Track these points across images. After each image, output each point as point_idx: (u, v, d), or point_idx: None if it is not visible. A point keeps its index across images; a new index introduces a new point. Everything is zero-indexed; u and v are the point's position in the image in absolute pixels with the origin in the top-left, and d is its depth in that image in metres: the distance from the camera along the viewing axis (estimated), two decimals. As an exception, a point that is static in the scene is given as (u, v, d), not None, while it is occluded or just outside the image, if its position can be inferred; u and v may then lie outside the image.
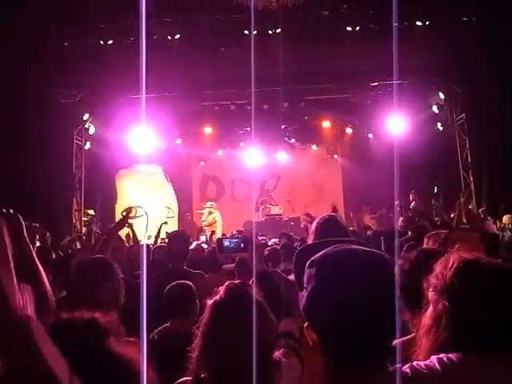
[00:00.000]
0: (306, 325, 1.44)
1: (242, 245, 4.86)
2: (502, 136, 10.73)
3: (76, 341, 1.28)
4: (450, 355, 1.48)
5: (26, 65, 10.02)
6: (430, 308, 1.66)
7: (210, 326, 1.89)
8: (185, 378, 1.98)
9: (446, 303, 1.59)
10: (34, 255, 2.40)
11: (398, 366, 1.41)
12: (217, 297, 1.94)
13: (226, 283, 2.00)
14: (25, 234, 2.42)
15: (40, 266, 2.37)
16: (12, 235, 2.32)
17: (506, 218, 9.67)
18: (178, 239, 4.78)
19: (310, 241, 3.62)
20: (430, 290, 1.67)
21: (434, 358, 1.48)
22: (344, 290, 1.35)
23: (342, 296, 1.34)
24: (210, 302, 1.94)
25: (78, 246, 8.42)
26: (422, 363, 1.46)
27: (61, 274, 4.24)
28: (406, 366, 1.43)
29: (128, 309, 2.37)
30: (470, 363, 1.47)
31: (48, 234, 8.96)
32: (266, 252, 5.16)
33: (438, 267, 1.67)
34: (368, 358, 1.37)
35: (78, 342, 1.27)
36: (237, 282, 2.03)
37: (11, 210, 2.49)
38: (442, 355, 1.49)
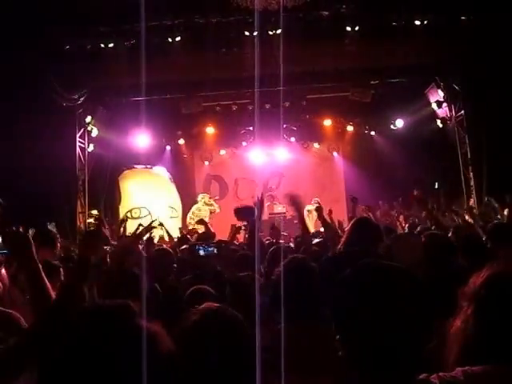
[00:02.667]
0: (337, 337, 1.52)
1: (215, 251, 5.03)
2: (501, 132, 10.80)
3: (105, 319, 1.28)
4: (474, 368, 1.55)
5: (28, 70, 10.10)
6: (461, 313, 1.72)
7: (185, 348, 1.82)
8: None
9: (473, 307, 1.66)
10: (42, 273, 2.40)
11: (425, 375, 1.50)
12: (193, 318, 1.92)
13: (203, 305, 1.97)
14: (34, 253, 2.41)
15: (48, 284, 2.39)
16: (20, 255, 2.41)
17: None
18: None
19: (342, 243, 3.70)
20: (463, 297, 1.73)
21: (459, 370, 1.55)
22: (374, 306, 1.45)
23: (373, 311, 1.45)
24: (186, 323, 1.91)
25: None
26: (447, 374, 1.54)
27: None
28: (434, 375, 1.52)
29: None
30: (493, 376, 1.54)
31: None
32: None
33: (473, 278, 1.73)
34: (397, 368, 1.44)
35: (108, 320, 1.28)
36: (214, 304, 1.99)
37: (20, 229, 2.54)
38: (466, 367, 1.56)
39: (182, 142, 15.77)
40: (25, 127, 10.23)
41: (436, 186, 13.54)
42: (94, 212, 13.00)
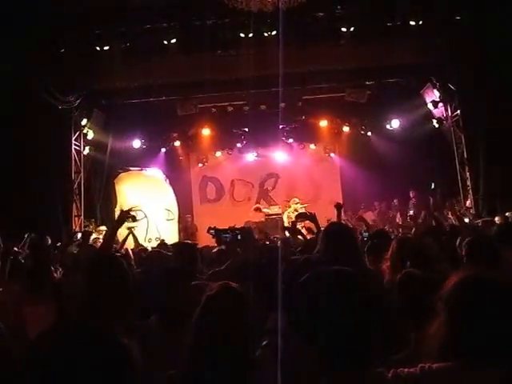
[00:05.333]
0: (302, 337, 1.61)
1: (238, 237, 5.04)
2: (497, 131, 10.83)
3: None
4: (433, 365, 1.64)
5: (23, 72, 10.07)
6: (437, 316, 1.77)
7: (199, 318, 2.04)
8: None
9: (446, 310, 1.72)
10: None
11: (381, 369, 1.60)
12: (210, 292, 2.09)
13: (221, 282, 2.16)
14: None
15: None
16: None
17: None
18: None
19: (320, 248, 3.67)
20: (440, 300, 1.78)
21: (418, 366, 1.64)
22: (334, 306, 1.56)
23: (333, 311, 1.55)
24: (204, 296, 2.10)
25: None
26: (405, 369, 1.64)
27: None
28: (391, 370, 1.61)
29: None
30: (447, 372, 1.62)
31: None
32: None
33: (449, 281, 1.78)
34: (356, 361, 1.55)
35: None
36: (231, 282, 2.17)
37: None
38: (426, 364, 1.64)
39: (177, 143, 15.74)
40: (20, 129, 10.21)
41: (432, 187, 13.56)
42: (103, 228, 12.88)
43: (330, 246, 3.43)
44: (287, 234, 7.25)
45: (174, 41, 11.06)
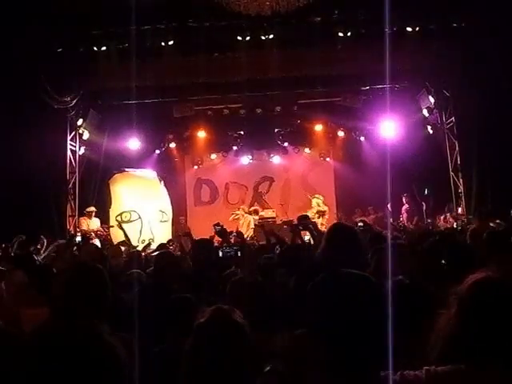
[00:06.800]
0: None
1: (238, 253, 4.97)
2: (491, 139, 10.90)
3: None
4: (438, 368, 1.62)
5: (19, 72, 10.07)
6: (446, 312, 1.77)
7: (192, 347, 1.94)
8: None
9: (456, 308, 1.71)
10: None
11: (388, 372, 1.59)
12: (201, 319, 1.98)
13: (213, 307, 2.03)
14: None
15: None
16: None
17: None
18: None
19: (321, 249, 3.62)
20: (453, 297, 1.78)
21: (423, 369, 1.63)
22: (340, 311, 1.58)
23: (339, 316, 1.58)
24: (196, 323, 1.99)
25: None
26: (411, 372, 1.63)
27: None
28: (398, 373, 1.61)
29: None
30: (454, 376, 1.60)
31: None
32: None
33: (465, 280, 1.77)
34: (362, 364, 1.56)
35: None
36: (224, 306, 2.06)
37: None
38: (431, 367, 1.63)
39: (173, 145, 15.76)
40: (16, 129, 10.19)
41: (426, 192, 13.63)
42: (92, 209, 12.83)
43: (331, 245, 3.41)
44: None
45: (171, 42, 11.04)
